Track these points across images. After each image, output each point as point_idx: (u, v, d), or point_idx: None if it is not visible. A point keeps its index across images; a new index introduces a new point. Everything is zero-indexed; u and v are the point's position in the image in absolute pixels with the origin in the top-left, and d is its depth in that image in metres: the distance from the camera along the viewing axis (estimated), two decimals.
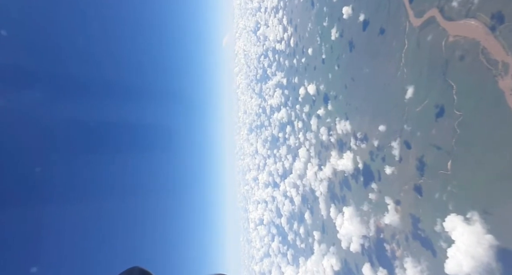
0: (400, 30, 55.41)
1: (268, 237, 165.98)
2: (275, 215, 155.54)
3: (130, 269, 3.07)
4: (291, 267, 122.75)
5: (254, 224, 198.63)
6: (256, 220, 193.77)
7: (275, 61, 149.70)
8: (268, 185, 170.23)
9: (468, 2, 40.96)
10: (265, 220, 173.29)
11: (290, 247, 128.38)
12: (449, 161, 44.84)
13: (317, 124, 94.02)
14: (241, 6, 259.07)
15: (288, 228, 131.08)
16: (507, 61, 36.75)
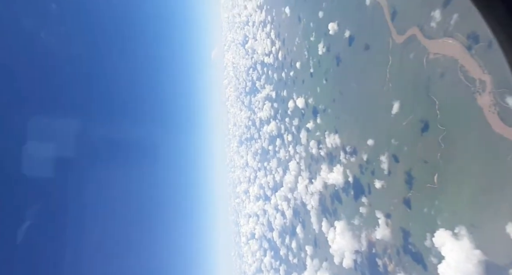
0: (384, 46, 57.15)
1: (260, 252, 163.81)
2: (267, 228, 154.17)
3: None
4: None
5: (245, 238, 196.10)
6: (247, 234, 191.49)
7: (264, 74, 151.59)
8: (259, 198, 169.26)
9: (445, 23, 42.76)
10: (256, 234, 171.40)
11: (283, 262, 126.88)
12: (436, 174, 45.71)
13: (307, 137, 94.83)
14: (229, 20, 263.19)
15: (280, 242, 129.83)
16: (483, 79, 38.21)
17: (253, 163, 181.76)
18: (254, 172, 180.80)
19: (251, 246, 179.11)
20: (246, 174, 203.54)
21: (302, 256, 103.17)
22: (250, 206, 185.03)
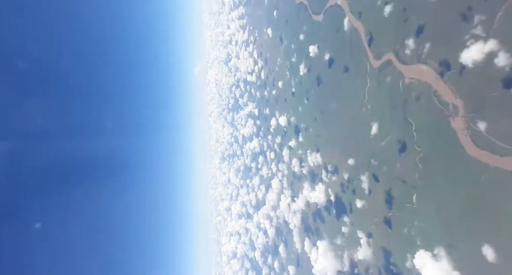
0: (362, 69, 59.43)
1: (242, 272, 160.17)
2: (249, 248, 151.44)
3: None
4: None
5: (227, 257, 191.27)
6: (229, 253, 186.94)
7: (247, 92, 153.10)
8: (241, 215, 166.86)
9: (419, 50, 45.19)
10: (238, 253, 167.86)
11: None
12: (414, 194, 46.86)
13: (289, 155, 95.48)
14: (213, 38, 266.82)
15: (262, 262, 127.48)
16: (456, 104, 40.24)
17: (236, 180, 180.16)
18: (237, 189, 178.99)
19: (233, 266, 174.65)
20: (228, 191, 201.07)
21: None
22: (232, 224, 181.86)
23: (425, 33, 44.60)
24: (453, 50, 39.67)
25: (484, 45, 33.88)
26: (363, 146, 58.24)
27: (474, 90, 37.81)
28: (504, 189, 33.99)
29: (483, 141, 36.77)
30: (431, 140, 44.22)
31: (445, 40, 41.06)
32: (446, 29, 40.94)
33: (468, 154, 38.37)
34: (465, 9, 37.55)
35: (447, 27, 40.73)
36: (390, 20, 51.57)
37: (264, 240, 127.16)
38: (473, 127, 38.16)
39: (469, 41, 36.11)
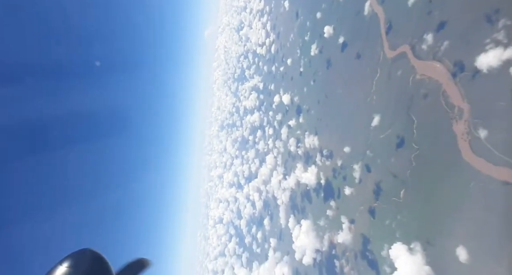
0: (375, 58, 58.06)
1: (226, 237, 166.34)
2: (235, 216, 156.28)
3: (81, 250, 3.01)
4: (244, 270, 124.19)
5: (213, 221, 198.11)
6: (215, 218, 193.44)
7: (254, 64, 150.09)
8: (232, 185, 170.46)
9: (436, 47, 43.92)
10: (224, 219, 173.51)
11: (246, 250, 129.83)
12: (403, 189, 47.90)
13: (287, 134, 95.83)
14: (227, 2, 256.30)
15: (246, 231, 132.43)
16: (462, 107, 39.94)
17: (231, 150, 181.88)
18: (231, 158, 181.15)
19: (218, 230, 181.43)
20: (223, 159, 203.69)
21: (266, 247, 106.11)
22: (222, 191, 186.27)
23: (446, 29, 43.11)
24: (471, 52, 38.65)
25: (504, 52, 32.99)
26: (362, 136, 58.43)
27: (483, 97, 37.37)
28: (491, 197, 34.77)
29: (481, 148, 36.99)
30: (430, 140, 44.39)
31: (464, 40, 39.81)
32: (468, 29, 39.57)
33: (463, 159, 38.75)
34: (492, 11, 36.05)
35: (469, 27, 39.34)
36: (413, 10, 49.54)
37: (251, 211, 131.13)
38: (474, 133, 38.21)
39: (489, 45, 35.06)
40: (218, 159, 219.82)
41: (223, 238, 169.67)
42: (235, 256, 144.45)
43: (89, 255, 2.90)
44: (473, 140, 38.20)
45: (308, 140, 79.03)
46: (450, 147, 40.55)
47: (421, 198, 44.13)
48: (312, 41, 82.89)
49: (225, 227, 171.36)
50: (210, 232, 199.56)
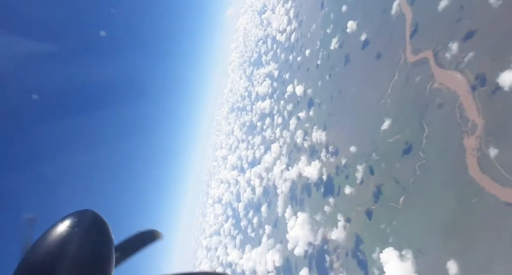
0: (395, 61, 56.72)
1: (223, 217, 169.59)
2: (235, 198, 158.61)
3: (82, 211, 3.04)
4: (236, 251, 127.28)
5: (212, 200, 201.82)
6: (215, 197, 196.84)
7: (272, 51, 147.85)
8: (235, 168, 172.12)
9: (460, 57, 42.65)
10: (223, 200, 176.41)
11: (241, 233, 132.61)
12: (403, 196, 47.95)
13: (296, 125, 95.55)
14: None
15: (243, 215, 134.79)
16: (476, 122, 39.18)
17: (238, 133, 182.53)
18: (237, 142, 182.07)
19: (216, 209, 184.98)
20: (229, 141, 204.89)
21: (260, 233, 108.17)
22: (225, 172, 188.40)
23: (474, 40, 41.67)
24: (496, 66, 37.49)
25: None
26: (370, 137, 58.01)
27: (500, 115, 36.55)
28: (491, 216, 34.66)
29: (488, 166, 36.54)
30: (438, 151, 43.89)
31: (491, 53, 38.53)
32: (497, 43, 38.21)
33: (469, 174, 38.39)
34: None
35: (499, 40, 37.96)
36: (443, 15, 47.80)
37: (250, 196, 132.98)
38: (484, 150, 37.64)
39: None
40: (224, 140, 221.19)
41: (220, 217, 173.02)
42: (229, 236, 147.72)
43: (91, 216, 2.96)
44: (482, 157, 37.69)
45: (315, 134, 78.78)
46: (457, 161, 40.13)
47: (420, 207, 44.16)
48: (334, 34, 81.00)
49: (223, 208, 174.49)
50: (209, 210, 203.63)
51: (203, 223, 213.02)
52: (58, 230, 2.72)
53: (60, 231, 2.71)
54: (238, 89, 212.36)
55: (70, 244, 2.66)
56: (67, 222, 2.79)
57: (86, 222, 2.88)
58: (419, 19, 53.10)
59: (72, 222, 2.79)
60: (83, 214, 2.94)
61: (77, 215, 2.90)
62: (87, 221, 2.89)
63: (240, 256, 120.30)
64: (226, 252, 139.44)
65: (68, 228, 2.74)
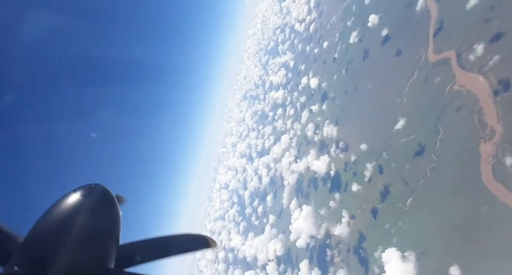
0: (415, 59, 55.10)
1: (228, 203, 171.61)
2: (241, 185, 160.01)
3: (92, 185, 3.09)
4: (239, 237, 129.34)
5: (219, 186, 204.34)
6: (222, 183, 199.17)
7: (289, 40, 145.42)
8: (244, 156, 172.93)
9: (485, 59, 41.09)
10: (230, 186, 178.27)
11: (245, 220, 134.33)
12: (410, 198, 47.45)
13: (308, 118, 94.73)
14: None
15: (248, 202, 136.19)
16: (495, 129, 38.06)
17: (250, 122, 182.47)
18: (248, 130, 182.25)
19: (222, 195, 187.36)
20: (239, 129, 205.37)
21: (264, 222, 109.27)
22: (233, 160, 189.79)
23: (501, 42, 39.97)
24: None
25: None
26: (382, 136, 57.13)
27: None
28: (500, 225, 34.05)
29: (503, 175, 35.70)
30: (452, 155, 42.98)
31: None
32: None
33: (481, 181, 37.61)
34: None
35: None
36: (471, 14, 45.87)
37: (256, 185, 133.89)
38: (500, 158, 36.72)
39: None
40: (235, 128, 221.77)
41: (226, 203, 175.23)
42: (233, 222, 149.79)
43: (101, 190, 3.02)
44: (497, 164, 36.80)
45: (327, 128, 78.03)
46: (471, 166, 39.30)
47: (428, 210, 43.69)
48: (354, 28, 78.89)
49: (229, 194, 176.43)
50: (215, 194, 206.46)
51: (209, 207, 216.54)
52: (69, 200, 2.80)
53: (71, 201, 2.79)
54: (252, 77, 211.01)
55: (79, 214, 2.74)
56: (78, 193, 2.86)
57: (96, 195, 2.94)
58: (445, 17, 51.10)
59: (82, 193, 2.86)
60: (93, 188, 3.00)
61: (88, 188, 2.96)
62: (97, 194, 2.95)
63: (242, 242, 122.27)
64: (230, 237, 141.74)
65: (79, 198, 2.82)
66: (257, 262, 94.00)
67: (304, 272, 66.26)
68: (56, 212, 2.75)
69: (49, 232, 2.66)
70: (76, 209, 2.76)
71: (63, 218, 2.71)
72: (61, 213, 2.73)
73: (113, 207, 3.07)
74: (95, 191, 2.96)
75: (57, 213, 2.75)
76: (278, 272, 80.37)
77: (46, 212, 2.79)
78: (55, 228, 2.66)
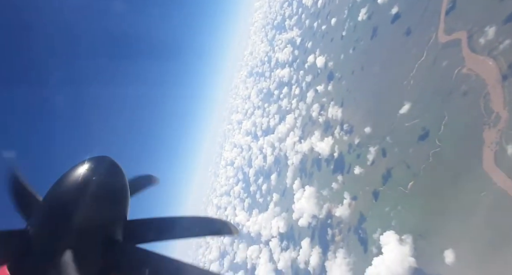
0: (425, 39, 53.29)
1: (233, 180, 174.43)
2: (246, 163, 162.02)
3: (100, 156, 3.10)
4: (244, 213, 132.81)
5: (225, 162, 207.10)
6: (228, 160, 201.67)
7: (297, 15, 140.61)
8: (249, 133, 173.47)
9: (496, 41, 39.57)
10: (235, 163, 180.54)
11: (250, 197, 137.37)
12: (412, 182, 47.84)
13: (313, 98, 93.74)
14: None
15: (253, 180, 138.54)
16: (501, 115, 37.43)
17: (255, 99, 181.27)
18: (253, 108, 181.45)
19: (228, 171, 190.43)
20: (245, 106, 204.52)
21: (268, 199, 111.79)
22: (239, 137, 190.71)
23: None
24: None
25: None
26: (386, 120, 56.63)
27: None
28: (498, 212, 34.45)
29: (504, 162, 35.58)
30: (455, 140, 42.72)
31: None
32: None
33: (482, 168, 37.62)
34: None
35: None
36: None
37: (261, 163, 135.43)
38: (504, 145, 36.42)
39: None
40: (240, 105, 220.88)
41: (231, 180, 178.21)
42: (238, 198, 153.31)
43: (109, 161, 3.06)
44: (499, 151, 36.59)
45: (332, 110, 77.37)
46: (473, 152, 39.17)
47: (427, 194, 44.18)
48: (363, 4, 75.66)
49: (234, 171, 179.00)
50: (221, 171, 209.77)
51: (215, 183, 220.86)
52: (78, 171, 2.85)
53: (80, 172, 2.84)
54: (258, 53, 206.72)
55: (89, 185, 2.80)
56: (86, 165, 2.90)
57: (105, 167, 2.99)
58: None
59: (90, 166, 2.91)
60: (102, 159, 3.04)
61: (96, 160, 3.01)
62: (106, 167, 3.00)
63: (247, 218, 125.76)
64: (235, 213, 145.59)
65: (88, 170, 2.87)
66: (261, 238, 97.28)
67: (305, 249, 68.64)
68: (63, 185, 2.82)
69: (59, 207, 2.73)
70: (83, 181, 2.81)
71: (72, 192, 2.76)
72: (70, 187, 2.79)
73: (120, 181, 3.09)
74: (103, 163, 3.02)
75: (64, 185, 2.81)
76: (280, 248, 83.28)
77: (54, 184, 2.86)
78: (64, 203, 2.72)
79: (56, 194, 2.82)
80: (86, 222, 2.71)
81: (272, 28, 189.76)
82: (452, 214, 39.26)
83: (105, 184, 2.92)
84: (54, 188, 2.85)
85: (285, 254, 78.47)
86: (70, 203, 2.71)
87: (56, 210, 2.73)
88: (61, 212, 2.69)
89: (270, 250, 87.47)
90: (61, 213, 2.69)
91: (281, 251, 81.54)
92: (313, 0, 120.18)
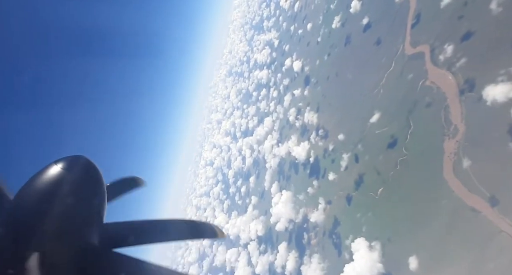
0: (393, 50, 55.57)
1: (213, 180, 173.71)
2: (226, 164, 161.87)
3: (76, 155, 2.92)
4: (223, 215, 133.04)
5: (204, 162, 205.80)
6: (207, 160, 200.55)
7: (274, 17, 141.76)
8: (228, 134, 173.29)
9: (455, 57, 42.08)
10: (215, 164, 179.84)
11: (229, 198, 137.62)
12: (381, 188, 50.12)
13: (290, 102, 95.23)
14: None
15: (232, 182, 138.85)
16: (458, 127, 39.94)
17: (234, 100, 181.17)
18: (232, 108, 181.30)
19: (207, 171, 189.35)
20: (224, 106, 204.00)
21: (247, 202, 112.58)
22: (218, 137, 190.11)
23: (470, 42, 40.85)
24: (484, 75, 37.39)
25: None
26: (359, 126, 58.73)
27: (481, 123, 37.25)
28: (456, 219, 36.95)
29: (461, 172, 38.04)
30: (420, 149, 45.12)
31: (483, 60, 38.13)
32: (491, 50, 37.60)
33: (443, 176, 40.06)
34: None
35: (492, 48, 37.32)
36: (446, 9, 46.10)
37: (240, 165, 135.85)
38: (460, 156, 38.92)
39: (502, 77, 33.79)
40: (220, 104, 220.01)
41: (211, 180, 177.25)
42: (218, 200, 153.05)
43: (84, 162, 2.88)
44: (457, 162, 39.06)
45: (308, 114, 79.07)
46: (435, 162, 41.54)
47: (394, 200, 46.50)
48: (337, 12, 77.58)
49: (214, 171, 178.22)
50: (200, 171, 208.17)
51: (194, 183, 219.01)
52: (50, 171, 2.69)
53: (52, 172, 2.68)
54: (238, 52, 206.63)
55: (61, 186, 2.66)
56: (60, 164, 2.74)
57: (80, 168, 2.83)
58: (422, 9, 51.17)
59: (64, 166, 2.74)
60: (76, 159, 2.87)
61: (71, 159, 2.84)
62: (81, 167, 2.85)
63: (226, 220, 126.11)
64: (214, 214, 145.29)
65: (61, 170, 2.71)
66: (240, 241, 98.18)
67: (282, 253, 70.17)
68: (36, 186, 2.65)
69: (29, 208, 2.56)
70: (57, 183, 2.65)
71: (43, 193, 2.60)
72: (41, 188, 2.62)
73: (96, 181, 2.94)
74: (77, 164, 2.85)
75: (37, 187, 2.64)
76: (259, 251, 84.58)
77: (26, 185, 2.70)
78: (34, 204, 2.56)
79: (26, 194, 2.66)
80: (57, 224, 2.56)
81: (250, 28, 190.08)
82: (416, 220, 41.62)
83: (79, 184, 2.80)
84: (24, 187, 2.70)
85: (263, 258, 79.80)
86: (40, 204, 2.56)
87: (25, 210, 2.55)
88: (30, 212, 2.53)
89: (249, 253, 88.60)
90: (30, 214, 2.53)
91: (259, 255, 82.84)
92: (290, 3, 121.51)
